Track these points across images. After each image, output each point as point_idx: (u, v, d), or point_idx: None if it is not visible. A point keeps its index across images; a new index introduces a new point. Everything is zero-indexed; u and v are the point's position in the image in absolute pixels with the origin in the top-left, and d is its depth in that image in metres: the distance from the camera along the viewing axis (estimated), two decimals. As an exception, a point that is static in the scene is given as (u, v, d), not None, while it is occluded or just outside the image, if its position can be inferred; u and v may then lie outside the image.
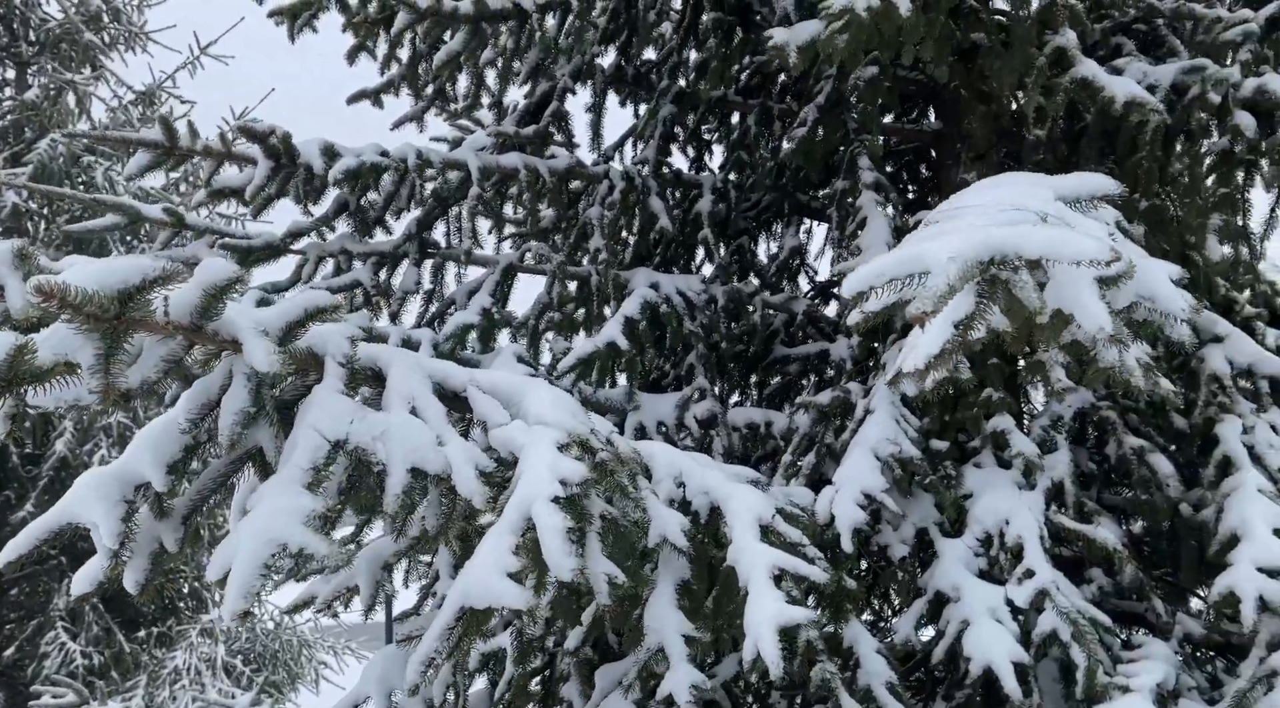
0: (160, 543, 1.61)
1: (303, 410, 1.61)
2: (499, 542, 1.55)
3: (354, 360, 1.68)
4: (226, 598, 1.44)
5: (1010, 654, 2.40)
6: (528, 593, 1.52)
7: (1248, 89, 2.53)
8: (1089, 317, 1.50)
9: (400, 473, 1.59)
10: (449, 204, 3.35)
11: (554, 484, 1.58)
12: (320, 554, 1.46)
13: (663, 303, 3.34)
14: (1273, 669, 2.26)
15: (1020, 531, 2.62)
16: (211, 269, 1.45)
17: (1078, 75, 2.59)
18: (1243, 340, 2.88)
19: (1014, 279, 1.50)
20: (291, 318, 1.59)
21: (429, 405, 1.70)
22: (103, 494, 1.55)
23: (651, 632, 1.94)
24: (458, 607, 1.56)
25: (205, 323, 1.48)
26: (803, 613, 1.77)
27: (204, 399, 1.57)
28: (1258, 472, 2.60)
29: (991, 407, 2.80)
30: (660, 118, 3.79)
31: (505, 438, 1.72)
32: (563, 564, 1.51)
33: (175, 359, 1.50)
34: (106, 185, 8.18)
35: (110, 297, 1.35)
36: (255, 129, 2.89)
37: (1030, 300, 1.49)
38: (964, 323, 1.50)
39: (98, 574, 1.57)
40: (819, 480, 2.88)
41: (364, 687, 2.15)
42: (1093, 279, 1.50)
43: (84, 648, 7.45)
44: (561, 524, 1.55)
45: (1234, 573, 2.38)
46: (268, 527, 1.48)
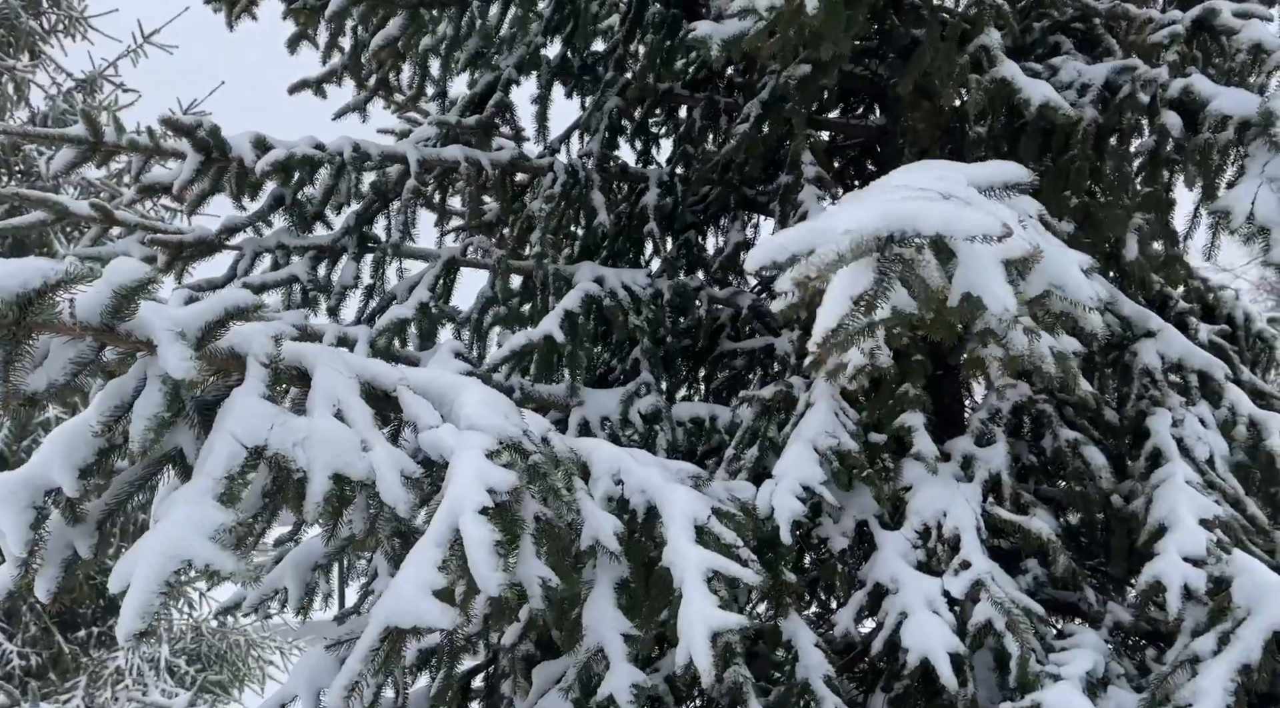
0: (73, 550, 1.55)
1: (220, 414, 1.57)
2: (425, 557, 1.52)
3: (278, 361, 1.64)
4: (122, 617, 1.38)
5: (946, 645, 2.43)
6: (453, 612, 1.50)
7: (1174, 89, 2.58)
8: (994, 298, 1.51)
9: (321, 480, 1.56)
10: (389, 198, 3.30)
11: (481, 494, 1.56)
12: (226, 571, 1.42)
13: (607, 297, 3.33)
14: (1195, 655, 2.32)
15: (957, 522, 2.65)
16: (121, 269, 1.41)
17: (997, 75, 2.63)
18: (1174, 335, 2.95)
19: (917, 258, 1.51)
20: (210, 318, 1.55)
21: (354, 407, 1.66)
22: (10, 500, 1.49)
23: (591, 631, 1.93)
24: (382, 627, 1.53)
25: (117, 324, 1.44)
26: (735, 619, 1.77)
27: (117, 401, 1.52)
28: (1186, 464, 2.66)
29: (906, 402, 2.83)
30: (606, 110, 3.77)
31: (435, 441, 1.69)
32: (490, 579, 1.49)
33: (85, 362, 1.45)
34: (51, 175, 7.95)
35: (8, 301, 1.30)
36: (182, 122, 2.82)
37: (933, 279, 1.50)
38: (864, 299, 1.51)
39: (7, 583, 1.51)
40: (761, 474, 2.89)
41: (292, 686, 2.11)
42: (998, 261, 1.51)
43: (20, 649, 7.27)
44: (489, 537, 1.52)
45: (1160, 562, 2.43)
46: (171, 541, 1.42)
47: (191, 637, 8.15)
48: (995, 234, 1.46)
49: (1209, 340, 3.08)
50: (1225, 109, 2.53)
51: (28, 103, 9.19)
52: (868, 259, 1.53)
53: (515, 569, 1.56)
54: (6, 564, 1.52)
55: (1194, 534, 2.47)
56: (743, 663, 1.98)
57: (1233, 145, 2.47)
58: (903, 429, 2.76)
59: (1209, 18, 2.90)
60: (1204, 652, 2.34)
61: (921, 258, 1.52)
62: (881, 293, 1.51)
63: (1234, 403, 2.84)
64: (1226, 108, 2.53)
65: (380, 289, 3.36)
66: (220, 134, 2.87)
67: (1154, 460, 2.75)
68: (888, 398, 2.79)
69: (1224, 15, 2.88)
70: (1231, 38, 2.88)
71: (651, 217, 3.67)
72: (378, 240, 3.33)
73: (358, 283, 3.22)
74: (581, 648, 1.89)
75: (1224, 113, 2.52)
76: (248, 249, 3.16)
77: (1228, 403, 2.85)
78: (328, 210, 3.34)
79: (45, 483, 1.52)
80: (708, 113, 3.96)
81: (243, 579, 1.45)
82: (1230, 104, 2.55)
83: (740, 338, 3.83)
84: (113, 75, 9.41)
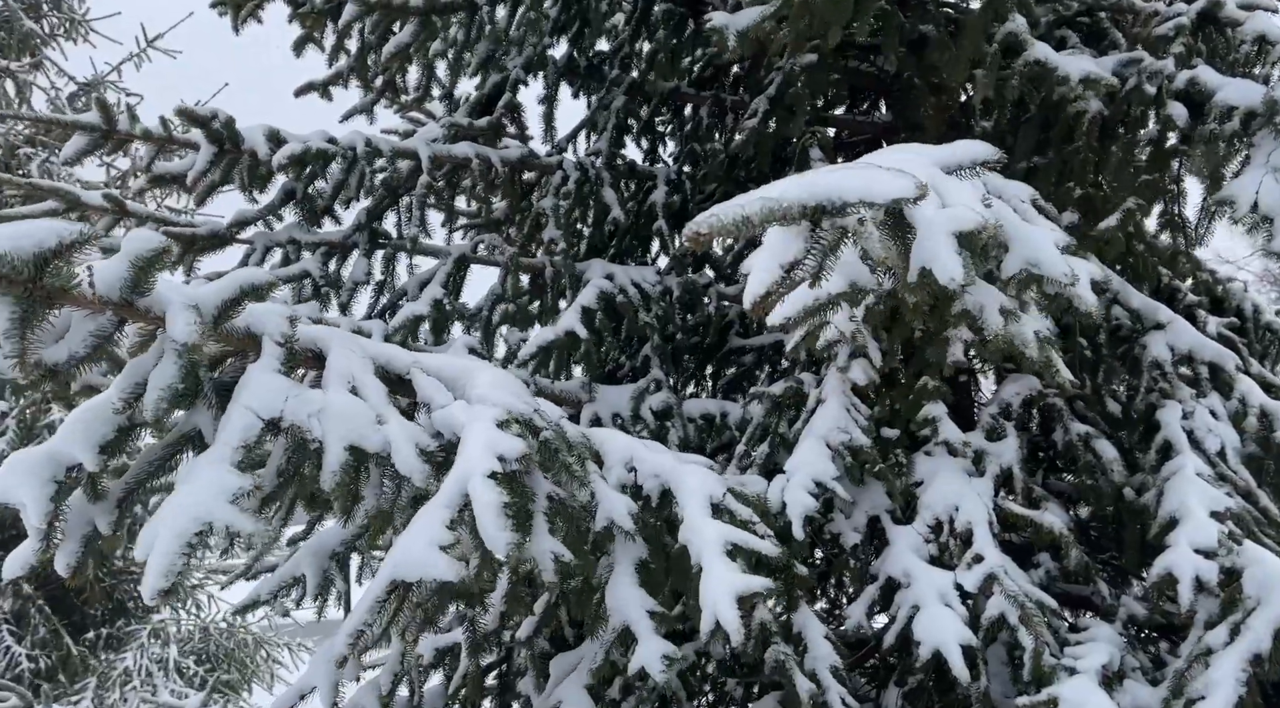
0: (94, 526, 1.57)
1: (238, 389, 1.58)
2: (433, 516, 1.54)
3: (292, 340, 1.65)
4: (146, 575, 1.40)
5: (959, 639, 2.43)
6: (458, 565, 1.51)
7: (1180, 81, 2.59)
8: (941, 267, 1.52)
9: (337, 450, 1.56)
10: (399, 194, 3.31)
11: (491, 460, 1.57)
12: (246, 532, 1.43)
13: (619, 293, 3.34)
14: (1208, 648, 2.32)
15: (969, 517, 2.66)
16: (138, 240, 1.42)
17: (1031, 58, 2.62)
18: (1183, 327, 2.95)
19: (860, 230, 1.52)
20: (227, 295, 1.56)
21: (369, 385, 1.67)
22: (33, 474, 1.51)
23: (615, 612, 1.92)
24: (388, 580, 1.54)
25: (136, 298, 1.45)
26: (760, 581, 1.77)
27: (137, 378, 1.53)
28: (1196, 456, 2.66)
29: (925, 395, 2.84)
30: (613, 109, 3.78)
31: (447, 418, 1.70)
32: (498, 539, 1.50)
33: (105, 335, 1.46)
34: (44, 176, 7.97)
35: (25, 259, 1.30)
36: (197, 113, 2.82)
37: (874, 249, 1.51)
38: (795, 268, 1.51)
39: (29, 557, 1.53)
40: (773, 470, 2.89)
41: (311, 677, 2.11)
42: (948, 232, 1.52)
43: (29, 651, 7.27)
44: (497, 500, 1.53)
45: (1172, 555, 2.43)
46: (192, 504, 1.44)
47: (200, 637, 8.16)
48: (910, 196, 1.47)
49: (1218, 333, 3.08)
50: (1231, 100, 2.54)
51: (29, 105, 9.21)
52: (796, 228, 1.54)
53: (528, 545, 1.56)
54: (29, 539, 1.54)
55: (1205, 527, 2.47)
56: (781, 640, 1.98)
57: (1238, 136, 2.47)
58: (926, 421, 2.77)
59: (1214, 10, 2.91)
60: (1217, 644, 2.34)
61: (863, 230, 1.53)
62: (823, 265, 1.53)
63: (1245, 394, 2.84)
64: (1232, 98, 2.54)
65: (391, 285, 3.37)
66: (234, 126, 2.88)
67: (1165, 453, 2.75)
68: (907, 392, 2.79)
69: (1229, 7, 2.89)
70: (1236, 29, 2.89)
71: (661, 214, 3.68)
72: (388, 236, 3.34)
73: (369, 279, 3.23)
74: (608, 629, 1.88)
75: (1229, 103, 2.53)
76: (258, 243, 3.17)
77: (1238, 394, 2.85)
78: (335, 206, 3.36)
79: (66, 459, 1.53)
80: (714, 110, 3.97)
81: (263, 541, 1.46)
82: (1236, 95, 2.55)
83: (749, 334, 3.84)
84: (115, 79, 9.43)
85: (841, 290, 1.60)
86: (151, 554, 1.41)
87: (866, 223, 1.54)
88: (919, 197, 1.50)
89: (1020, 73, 2.68)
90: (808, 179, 1.58)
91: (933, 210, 1.55)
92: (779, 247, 1.57)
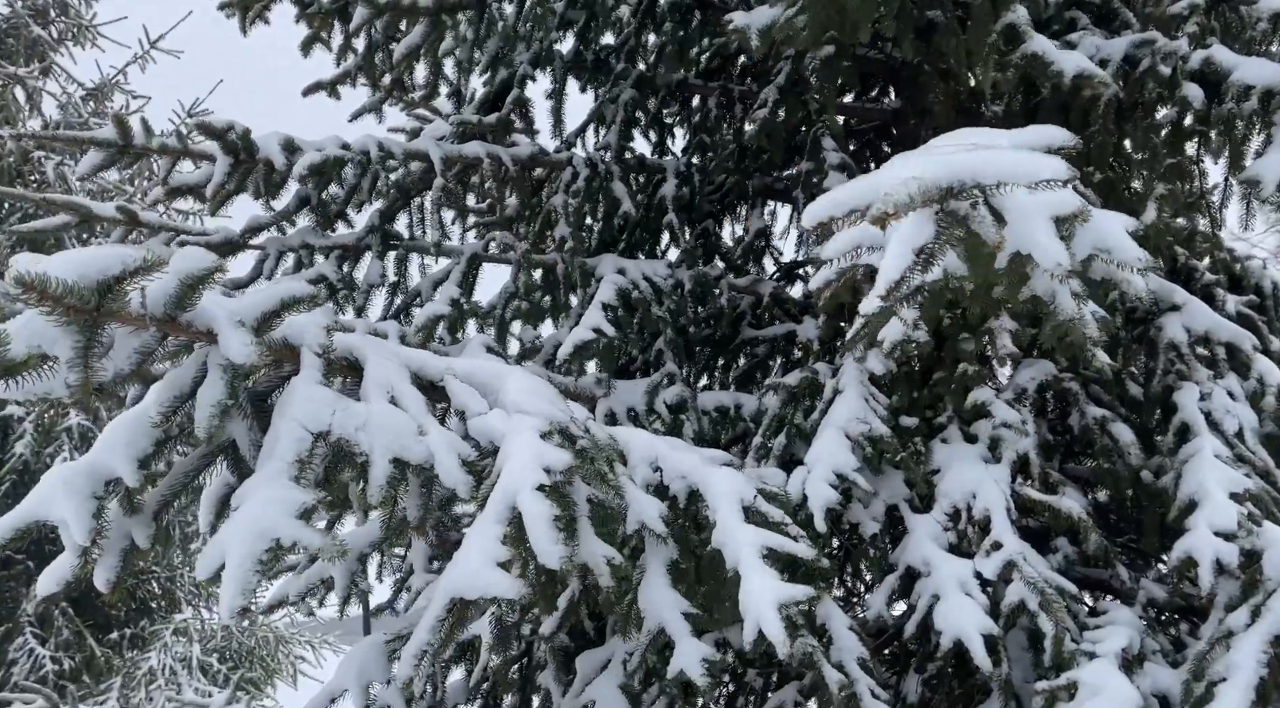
0: (131, 540, 1.59)
1: (282, 402, 1.60)
2: (486, 532, 1.55)
3: (330, 350, 1.67)
4: (224, 596, 1.42)
5: (979, 626, 2.43)
6: (519, 583, 1.52)
7: (1195, 61, 2.57)
8: (1044, 254, 1.48)
9: (383, 464, 1.58)
10: (411, 195, 3.33)
11: (538, 472, 1.58)
12: (314, 547, 1.45)
13: (633, 288, 3.35)
14: (1229, 630, 2.32)
15: (987, 503, 2.66)
16: (189, 258, 1.43)
17: (1028, 51, 2.62)
18: (1199, 308, 2.94)
19: (972, 214, 1.48)
20: (267, 308, 1.57)
21: (407, 394, 1.69)
22: (73, 490, 1.52)
23: (650, 614, 1.93)
24: (449, 599, 1.55)
25: (179, 314, 1.46)
26: (802, 590, 1.78)
27: (176, 392, 1.55)
28: (1214, 437, 2.65)
29: (969, 380, 2.84)
30: (621, 102, 3.78)
31: (485, 427, 1.71)
32: (550, 552, 1.51)
33: (148, 351, 1.48)
34: (59, 181, 8.02)
35: (90, 288, 1.32)
36: (213, 125, 2.84)
37: (988, 234, 1.47)
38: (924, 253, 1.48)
39: (65, 573, 1.54)
40: (790, 461, 2.90)
41: (341, 680, 2.14)
42: (1048, 217, 1.49)
43: (53, 653, 7.36)
44: (548, 512, 1.54)
45: (1192, 537, 2.43)
46: (260, 520, 1.45)
47: (222, 635, 8.23)
48: (1062, 177, 1.42)
49: (1237, 311, 3.07)
50: (1248, 79, 2.52)
51: (39, 111, 9.26)
52: (927, 211, 1.48)
53: (578, 551, 1.58)
54: (65, 554, 1.55)
55: (1224, 508, 2.46)
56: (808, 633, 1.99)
57: (1258, 115, 2.46)
58: (976, 406, 2.77)
59: (1227, -12, 2.89)
60: (1238, 626, 2.35)
61: (978, 214, 1.48)
62: (940, 248, 1.48)
63: (1263, 374, 2.83)
64: (1249, 77, 2.52)
65: (404, 286, 3.39)
66: (250, 137, 2.90)
67: (1182, 435, 2.74)
68: (949, 380, 2.79)
69: (1242, -15, 2.87)
70: (1251, 7, 2.87)
71: (670, 207, 3.68)
72: (400, 237, 3.36)
73: (383, 280, 3.25)
74: (643, 631, 1.90)
75: (1247, 83, 2.51)
76: (271, 249, 3.19)
77: (1256, 374, 2.84)
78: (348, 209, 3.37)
79: (107, 473, 1.55)
80: (722, 101, 3.96)
81: (328, 556, 1.48)
82: (1253, 74, 2.53)
83: (761, 325, 3.84)
84: (123, 83, 9.47)
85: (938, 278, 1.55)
86: (226, 573, 1.42)
87: (981, 207, 1.48)
88: (1069, 179, 1.44)
89: (1017, 65, 2.67)
90: (939, 159, 1.51)
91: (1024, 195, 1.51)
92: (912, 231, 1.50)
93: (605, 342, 3.06)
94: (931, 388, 2.90)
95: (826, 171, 3.22)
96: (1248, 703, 2.16)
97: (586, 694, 2.26)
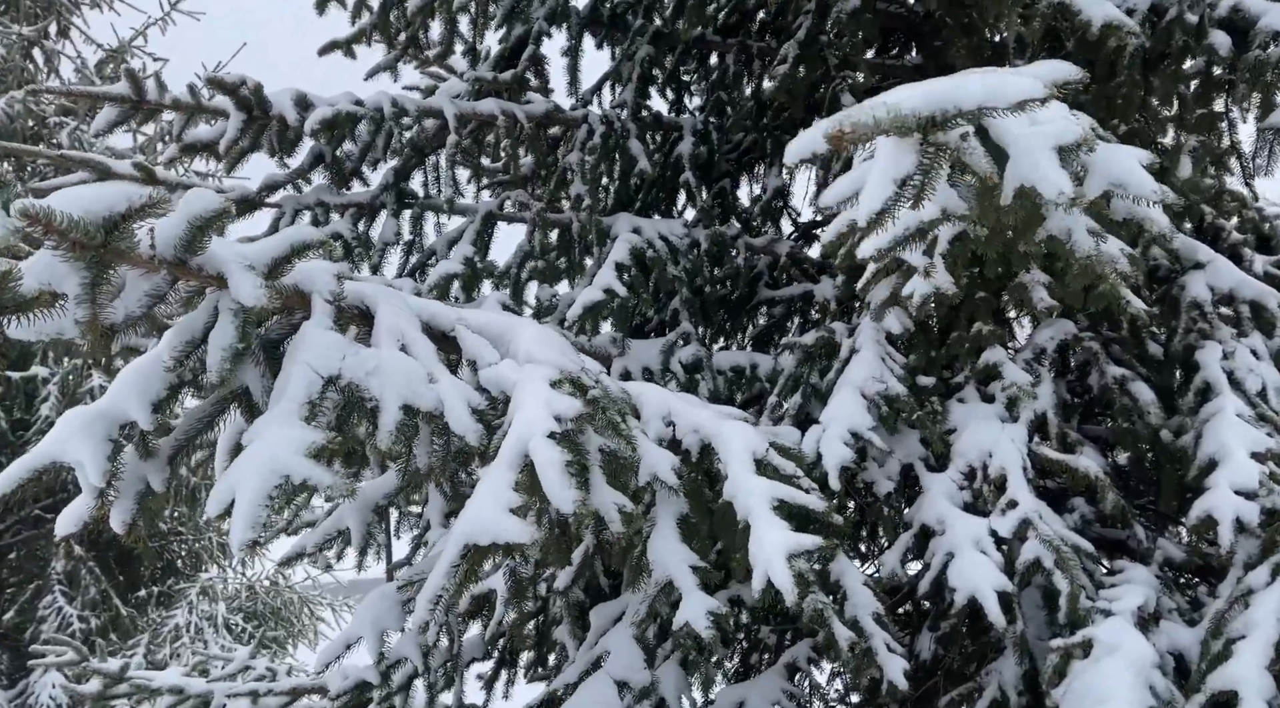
0: (146, 483, 1.60)
1: (293, 347, 1.60)
2: (498, 478, 1.55)
3: (340, 298, 1.67)
4: (234, 529, 1.42)
5: (994, 584, 2.43)
6: (531, 528, 1.53)
7: (1223, 8, 2.51)
8: (1048, 184, 1.43)
9: (393, 410, 1.58)
10: (426, 153, 3.31)
11: (549, 420, 1.58)
12: (324, 486, 1.45)
13: (648, 248, 3.33)
14: (1249, 588, 2.31)
15: (1003, 462, 2.64)
16: (198, 200, 1.43)
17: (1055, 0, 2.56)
18: (1224, 266, 2.89)
19: (962, 146, 1.44)
20: (277, 253, 1.57)
21: (418, 342, 1.69)
22: (88, 432, 1.53)
23: (658, 566, 1.93)
24: (462, 545, 1.56)
25: (190, 257, 1.46)
26: (811, 540, 1.78)
27: (188, 337, 1.56)
28: (1236, 397, 2.62)
29: (983, 340, 2.81)
30: (638, 59, 3.73)
31: (496, 377, 1.71)
32: (564, 497, 1.51)
33: (159, 294, 1.49)
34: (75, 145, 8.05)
35: (96, 224, 1.32)
36: (226, 81, 2.83)
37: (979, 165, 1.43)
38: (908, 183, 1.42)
39: (83, 514, 1.56)
40: (805, 421, 2.89)
41: (356, 628, 2.16)
42: (1049, 147, 1.45)
43: (80, 612, 7.51)
44: (560, 458, 1.54)
45: (1212, 496, 2.41)
46: (271, 457, 1.46)
47: (246, 595, 8.38)
48: (1039, 96, 1.35)
49: (1264, 271, 3.02)
50: (1276, 25, 2.46)
51: (57, 73, 9.28)
52: (909, 141, 1.42)
53: (589, 499, 1.58)
54: (82, 495, 1.57)
55: (1245, 467, 2.44)
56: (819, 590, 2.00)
57: (1287, 61, 2.40)
58: (988, 367, 2.74)
59: (1257, -65, 2.80)
60: (1258, 585, 2.33)
61: (966, 145, 1.43)
62: (928, 183, 1.42)
63: (1288, 333, 2.79)
64: (1277, 23, 2.46)
65: (419, 245, 3.38)
66: (262, 92, 2.89)
67: (1203, 395, 2.71)
68: (964, 339, 2.76)
69: (1271, -68, 2.78)
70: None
71: (687, 166, 3.65)
72: (415, 196, 3.35)
73: (398, 239, 3.25)
74: (651, 582, 1.91)
75: (1276, 29, 2.45)
76: (287, 207, 3.19)
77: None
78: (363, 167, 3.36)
79: (120, 417, 1.56)
80: (740, 58, 3.91)
81: (339, 494, 1.49)
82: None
83: (778, 286, 3.82)
84: (141, 45, 9.46)
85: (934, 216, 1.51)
86: (236, 507, 1.42)
87: (971, 138, 1.43)
88: (1047, 98, 1.39)
89: (1043, 15, 2.61)
90: (919, 89, 1.46)
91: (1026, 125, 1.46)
92: (891, 162, 1.44)
93: (619, 301, 3.05)
94: (948, 348, 2.88)
95: (845, 128, 3.17)
96: (1267, 660, 2.15)
97: (601, 645, 2.28)
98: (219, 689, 3.17)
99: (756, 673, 3.40)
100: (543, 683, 3.35)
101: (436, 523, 2.91)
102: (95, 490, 1.53)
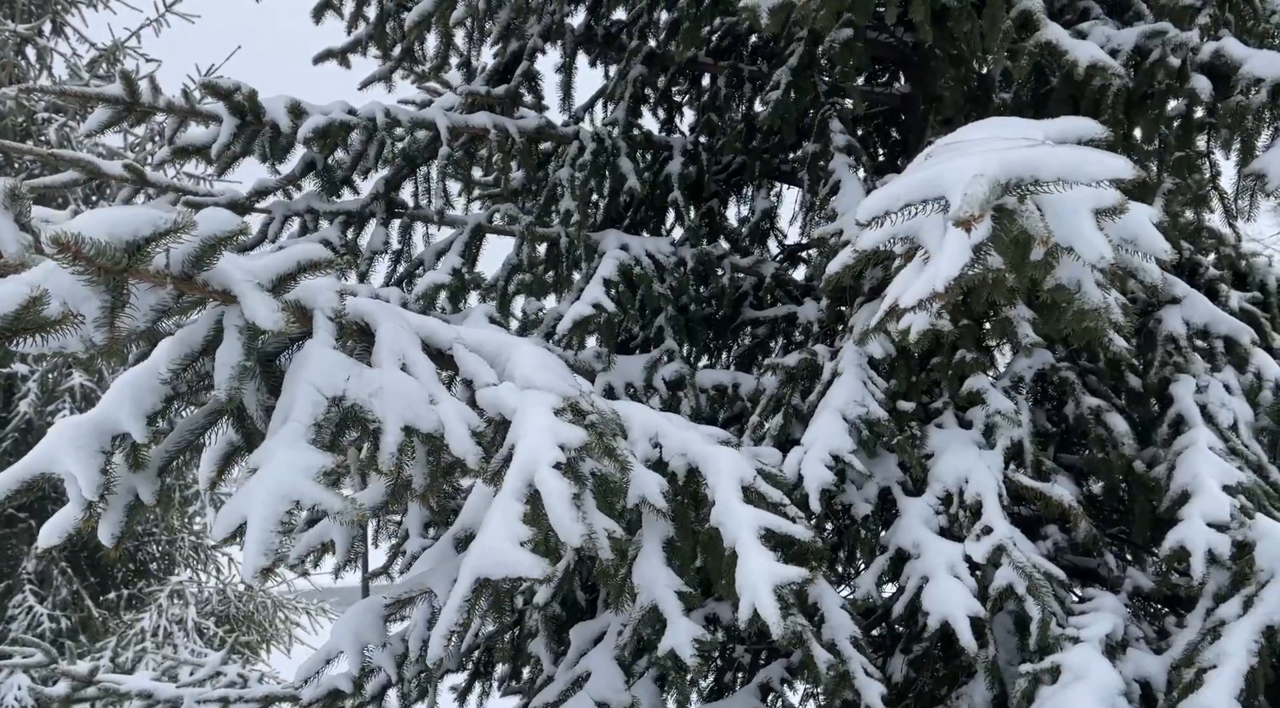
0: (135, 495, 1.59)
1: (296, 365, 1.60)
2: (507, 510, 1.55)
3: (342, 315, 1.68)
4: (246, 556, 1.41)
5: (967, 609, 2.45)
6: (543, 562, 1.52)
7: (1205, 53, 2.56)
8: (1088, 246, 1.46)
9: (395, 431, 1.58)
10: (417, 164, 3.33)
11: (555, 449, 1.58)
12: (334, 511, 1.45)
13: (635, 265, 3.35)
14: (1220, 619, 2.34)
15: (979, 488, 2.68)
16: (214, 220, 1.43)
17: (1043, 39, 2.61)
18: (1199, 301, 2.94)
19: (1020, 209, 1.47)
20: (283, 270, 1.57)
21: (419, 362, 1.69)
22: (80, 444, 1.53)
23: (644, 591, 1.95)
24: (474, 578, 1.56)
25: (197, 273, 1.47)
26: (797, 572, 1.79)
27: (187, 349, 1.55)
28: (1209, 430, 2.66)
29: (966, 367, 2.85)
30: (630, 79, 3.77)
31: (495, 399, 1.72)
32: (572, 530, 1.52)
33: (164, 309, 1.49)
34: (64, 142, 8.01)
35: (120, 249, 1.32)
36: (220, 86, 2.84)
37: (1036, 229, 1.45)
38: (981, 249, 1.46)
39: (68, 526, 1.55)
40: (786, 442, 2.92)
41: (337, 642, 2.16)
42: (1090, 211, 1.48)
43: (51, 612, 7.42)
44: (568, 491, 1.56)
45: (1185, 528, 2.44)
46: (280, 483, 1.46)
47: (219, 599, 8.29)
48: (1126, 176, 1.40)
49: (1240, 307, 3.07)
50: (1258, 72, 2.51)
51: (49, 72, 9.24)
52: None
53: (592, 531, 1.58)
54: (69, 506, 1.55)
55: (1218, 500, 2.48)
56: (798, 613, 2.01)
57: (1267, 108, 2.45)
58: (971, 393, 2.78)
59: (1243, -19, 2.87)
60: (1230, 616, 2.37)
61: (1025, 208, 1.46)
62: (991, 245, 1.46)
63: (1260, 368, 2.84)
64: (1259, 70, 2.51)
65: (408, 254, 3.40)
66: (256, 98, 2.90)
67: (1177, 427, 2.75)
68: (948, 366, 2.80)
69: (1259, -22, 2.85)
70: (1265, 0, 2.86)
71: (676, 185, 3.68)
72: (405, 206, 3.36)
73: (386, 248, 3.26)
74: (635, 606, 1.91)
75: (1256, 75, 2.50)
76: (277, 212, 3.19)
77: (1253, 368, 2.85)
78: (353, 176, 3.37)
79: (114, 429, 1.55)
80: (732, 80, 3.95)
81: (347, 518, 1.48)
82: (1263, 66, 2.52)
83: (763, 306, 3.85)
84: (135, 45, 9.44)
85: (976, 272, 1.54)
86: (249, 534, 1.42)
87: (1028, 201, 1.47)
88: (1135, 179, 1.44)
89: (1030, 53, 2.66)
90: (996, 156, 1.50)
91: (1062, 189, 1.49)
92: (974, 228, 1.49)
93: (605, 317, 3.07)
94: (929, 373, 2.91)
95: (833, 153, 3.22)
96: (1237, 689, 2.18)
97: (582, 665, 2.28)
98: (189, 695, 3.14)
99: (730, 693, 3.41)
100: (516, 697, 3.35)
101: (415, 532, 2.91)
102: (84, 503, 1.52)
